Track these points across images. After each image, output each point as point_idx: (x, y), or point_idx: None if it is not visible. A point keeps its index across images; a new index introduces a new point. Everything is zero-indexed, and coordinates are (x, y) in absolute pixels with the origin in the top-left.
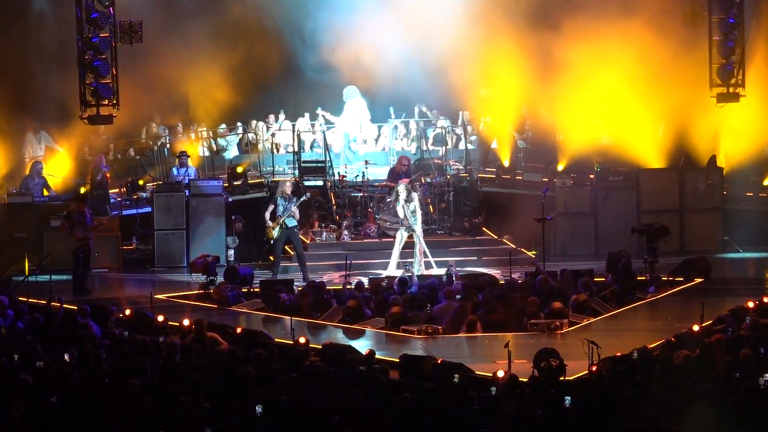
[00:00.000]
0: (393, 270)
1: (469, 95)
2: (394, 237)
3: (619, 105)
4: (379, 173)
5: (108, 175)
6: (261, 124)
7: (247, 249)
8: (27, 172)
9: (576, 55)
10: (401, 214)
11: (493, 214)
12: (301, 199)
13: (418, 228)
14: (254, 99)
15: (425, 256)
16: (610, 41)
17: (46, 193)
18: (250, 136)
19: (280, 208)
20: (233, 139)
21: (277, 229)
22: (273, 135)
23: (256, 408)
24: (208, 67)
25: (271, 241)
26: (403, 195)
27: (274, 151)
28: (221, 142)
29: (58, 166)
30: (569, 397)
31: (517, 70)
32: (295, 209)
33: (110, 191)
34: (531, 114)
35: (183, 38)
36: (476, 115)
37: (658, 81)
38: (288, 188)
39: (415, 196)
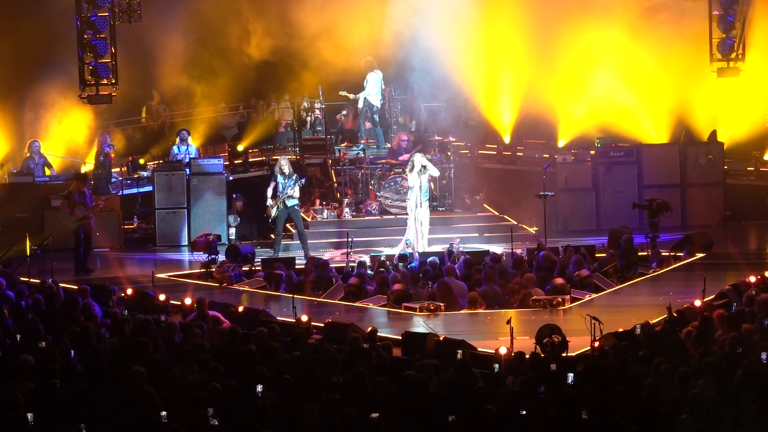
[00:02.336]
0: (425, 246)
1: (468, 72)
2: (395, 215)
3: (619, 80)
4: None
5: (112, 154)
6: (262, 102)
7: (249, 227)
8: (26, 153)
9: (575, 30)
10: (413, 184)
11: (494, 191)
12: (299, 182)
13: (426, 203)
14: (255, 77)
15: (410, 234)
16: (609, 16)
17: (47, 172)
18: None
19: (280, 187)
20: (234, 118)
21: (275, 208)
22: (273, 113)
23: (257, 387)
24: (207, 46)
25: (270, 220)
26: (419, 164)
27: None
28: (222, 120)
29: (59, 145)
30: (572, 374)
31: (516, 45)
32: (293, 191)
33: (113, 170)
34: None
35: (181, 15)
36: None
37: (658, 56)
38: (285, 165)
39: (429, 168)
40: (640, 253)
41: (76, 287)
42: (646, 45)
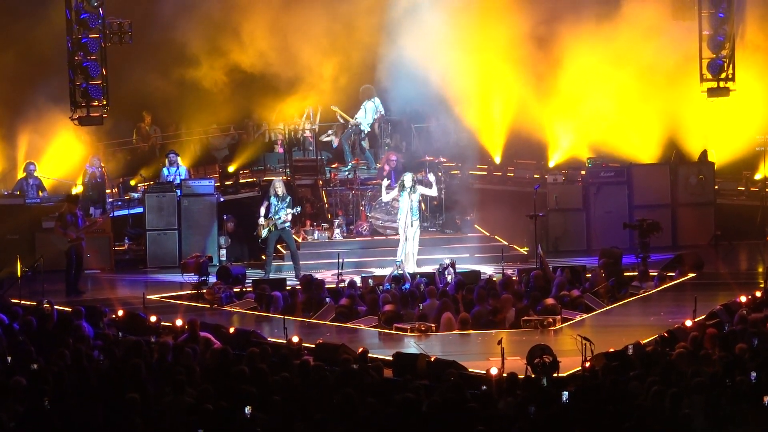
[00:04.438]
0: (414, 266)
1: (458, 92)
2: (386, 235)
3: (610, 100)
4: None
5: (105, 173)
6: (252, 123)
7: (240, 248)
8: (22, 174)
9: (565, 50)
10: (405, 206)
11: (485, 211)
12: (292, 211)
13: (416, 223)
14: (246, 99)
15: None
16: (600, 36)
17: (40, 194)
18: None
19: (273, 209)
20: (225, 139)
21: (266, 230)
22: (264, 134)
23: (245, 409)
24: (200, 66)
25: (260, 240)
26: (408, 184)
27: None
28: (213, 142)
29: (51, 167)
30: (566, 393)
31: (507, 67)
32: (286, 215)
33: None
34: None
35: (172, 36)
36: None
37: (649, 76)
38: (279, 187)
39: (419, 188)
40: (625, 273)
41: (69, 309)
42: (636, 65)
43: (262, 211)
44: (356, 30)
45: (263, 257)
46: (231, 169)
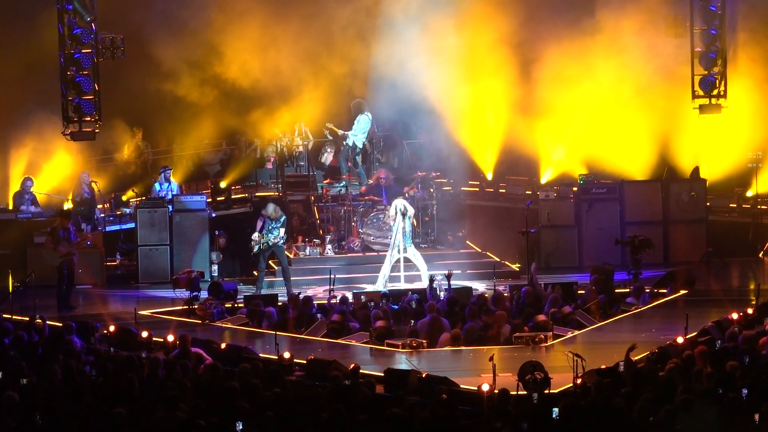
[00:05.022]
0: (381, 285)
1: (450, 108)
2: (377, 251)
3: (602, 117)
4: None
5: (96, 189)
6: (244, 139)
7: (231, 264)
8: (16, 188)
9: (559, 67)
10: (398, 231)
11: (476, 227)
12: (282, 235)
13: (410, 249)
14: (232, 114)
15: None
16: (592, 54)
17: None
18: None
19: (266, 226)
20: (216, 155)
21: (257, 247)
22: (255, 150)
23: (237, 425)
24: (188, 82)
25: (252, 255)
26: (401, 210)
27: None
28: (205, 157)
29: (43, 182)
30: (556, 409)
31: (499, 83)
32: (275, 238)
33: (97, 206)
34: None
35: (161, 52)
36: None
37: (640, 92)
38: (272, 213)
39: (411, 211)
40: (622, 290)
41: (61, 324)
42: (628, 82)
43: (258, 225)
44: (349, 46)
45: (255, 273)
46: (223, 184)
